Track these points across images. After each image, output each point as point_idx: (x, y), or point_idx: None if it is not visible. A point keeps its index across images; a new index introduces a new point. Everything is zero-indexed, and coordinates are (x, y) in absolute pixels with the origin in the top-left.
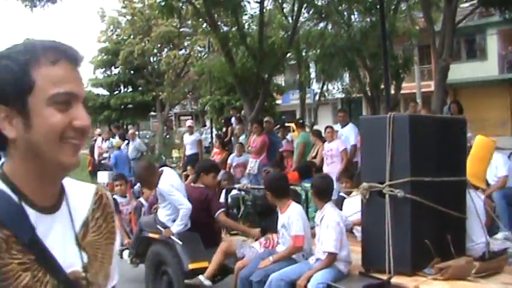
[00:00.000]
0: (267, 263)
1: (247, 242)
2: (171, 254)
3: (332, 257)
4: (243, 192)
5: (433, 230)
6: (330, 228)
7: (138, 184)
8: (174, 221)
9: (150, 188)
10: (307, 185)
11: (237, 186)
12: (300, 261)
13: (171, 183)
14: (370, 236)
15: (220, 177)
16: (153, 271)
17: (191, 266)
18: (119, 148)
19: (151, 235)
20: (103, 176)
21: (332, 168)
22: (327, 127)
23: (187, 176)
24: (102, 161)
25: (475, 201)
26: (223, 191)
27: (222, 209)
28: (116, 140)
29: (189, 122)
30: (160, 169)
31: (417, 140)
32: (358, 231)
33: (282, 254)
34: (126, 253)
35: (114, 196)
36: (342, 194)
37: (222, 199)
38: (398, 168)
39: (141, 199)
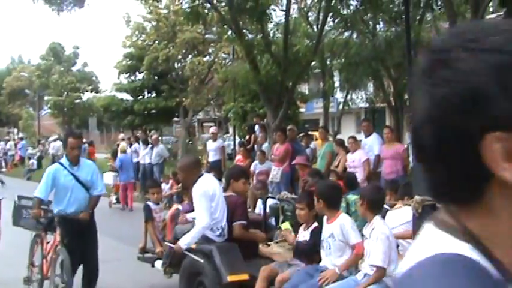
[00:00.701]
0: (333, 275)
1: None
2: (209, 265)
3: (381, 272)
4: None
5: None
6: (379, 241)
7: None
8: (211, 229)
9: (185, 185)
10: (353, 197)
11: (276, 196)
12: (346, 277)
13: (205, 190)
14: None
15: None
16: (188, 282)
17: (230, 279)
18: (124, 152)
19: None
20: (108, 177)
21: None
22: (349, 137)
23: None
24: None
25: None
26: (259, 200)
27: (242, 222)
28: (121, 145)
29: (212, 129)
30: (203, 173)
31: None
32: (401, 245)
33: (347, 263)
34: (158, 263)
35: (148, 203)
36: (385, 206)
37: (257, 209)
38: None
39: (180, 206)
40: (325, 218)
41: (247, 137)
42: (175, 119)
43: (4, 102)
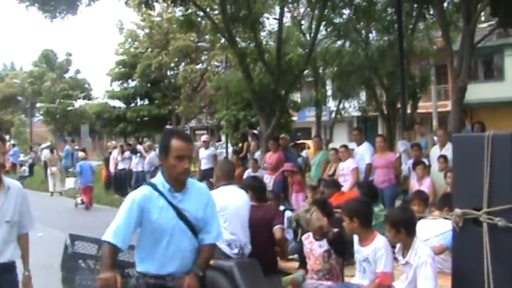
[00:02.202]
0: None
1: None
2: (229, 282)
3: None
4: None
5: None
6: (429, 266)
7: None
8: (229, 245)
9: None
10: (375, 209)
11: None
12: None
13: (226, 202)
14: (463, 270)
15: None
16: None
17: None
18: (84, 159)
19: None
20: (69, 182)
21: (345, 186)
22: (341, 146)
23: None
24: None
25: None
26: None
27: (282, 226)
28: (80, 153)
29: (204, 137)
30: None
31: None
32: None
33: None
34: None
35: None
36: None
37: None
38: (498, 193)
39: None
40: (356, 238)
41: (239, 145)
42: (167, 126)
43: None
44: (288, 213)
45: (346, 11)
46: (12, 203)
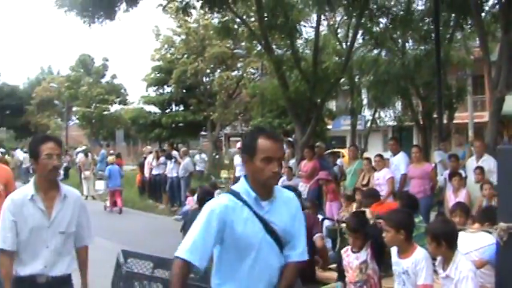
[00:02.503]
0: None
1: None
2: None
3: None
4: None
5: None
6: (470, 281)
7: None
8: None
9: None
10: (416, 220)
11: (336, 217)
12: None
13: None
14: (507, 285)
15: None
16: None
17: None
18: (113, 163)
19: None
20: (99, 185)
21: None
22: (376, 155)
23: None
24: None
25: None
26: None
27: (321, 234)
28: (109, 158)
29: (239, 144)
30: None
31: None
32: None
33: None
34: None
35: None
36: None
37: None
38: None
39: None
40: (394, 250)
41: None
42: (203, 132)
43: (33, 112)
44: (326, 223)
45: (383, 20)
46: (68, 213)
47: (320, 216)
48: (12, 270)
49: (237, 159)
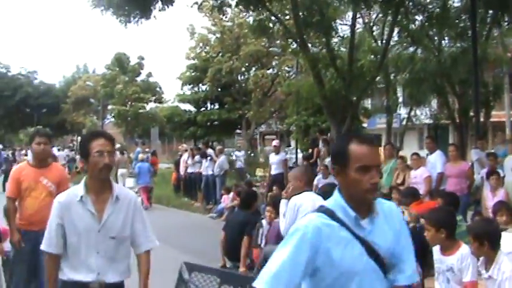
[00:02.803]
0: None
1: None
2: None
3: None
4: None
5: None
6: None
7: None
8: None
9: (289, 196)
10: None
11: None
12: None
13: (296, 203)
14: None
15: None
16: None
17: None
18: (141, 160)
19: None
20: (129, 182)
21: None
22: (413, 154)
23: (272, 197)
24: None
25: None
26: None
27: None
28: (140, 155)
29: (275, 142)
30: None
31: None
32: None
33: None
34: None
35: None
36: None
37: None
38: None
39: (263, 220)
40: (436, 248)
41: (309, 150)
42: (238, 131)
43: (69, 111)
44: None
45: (419, 17)
46: (121, 216)
47: None
48: (55, 274)
49: (273, 158)
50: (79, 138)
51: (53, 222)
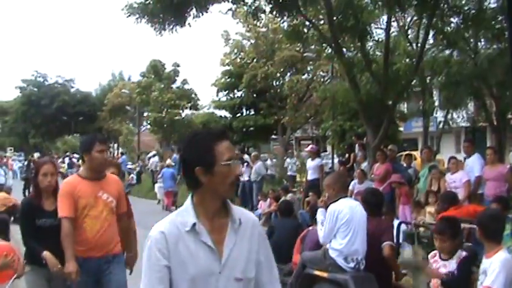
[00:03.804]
0: None
1: None
2: None
3: None
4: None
5: None
6: None
7: None
8: (345, 258)
9: (327, 203)
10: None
11: (413, 221)
12: None
13: (335, 209)
14: None
15: None
16: None
17: None
18: (168, 167)
19: (318, 273)
20: (157, 187)
21: None
22: (451, 157)
23: (308, 203)
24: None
25: None
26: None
27: (392, 243)
28: (168, 161)
29: (310, 147)
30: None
31: None
32: None
33: None
34: None
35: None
36: None
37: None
38: None
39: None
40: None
41: (346, 155)
42: (273, 136)
43: (105, 118)
44: (403, 227)
45: (455, 19)
46: (245, 247)
47: (396, 221)
48: None
49: (309, 163)
50: (115, 145)
51: (156, 264)
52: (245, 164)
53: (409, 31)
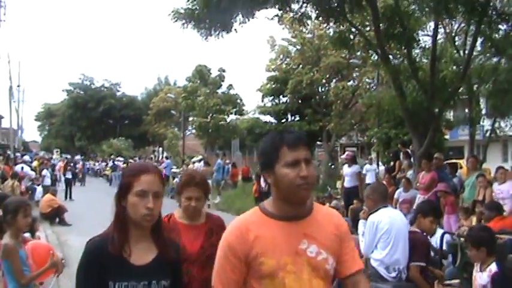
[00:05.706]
0: None
1: None
2: None
3: None
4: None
5: None
6: None
7: None
8: (387, 268)
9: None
10: None
11: (455, 231)
12: None
13: (373, 220)
14: None
15: None
16: None
17: None
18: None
19: None
20: None
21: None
22: (499, 167)
23: (353, 210)
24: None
25: None
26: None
27: (421, 264)
28: (204, 167)
29: (346, 154)
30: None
31: None
32: None
33: None
34: None
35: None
36: None
37: (434, 242)
38: None
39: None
40: (476, 265)
41: (391, 163)
42: (318, 142)
43: (151, 122)
44: (447, 237)
45: (503, 26)
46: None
47: (440, 231)
48: None
49: (346, 169)
50: (160, 149)
51: None
52: None
53: (456, 38)
